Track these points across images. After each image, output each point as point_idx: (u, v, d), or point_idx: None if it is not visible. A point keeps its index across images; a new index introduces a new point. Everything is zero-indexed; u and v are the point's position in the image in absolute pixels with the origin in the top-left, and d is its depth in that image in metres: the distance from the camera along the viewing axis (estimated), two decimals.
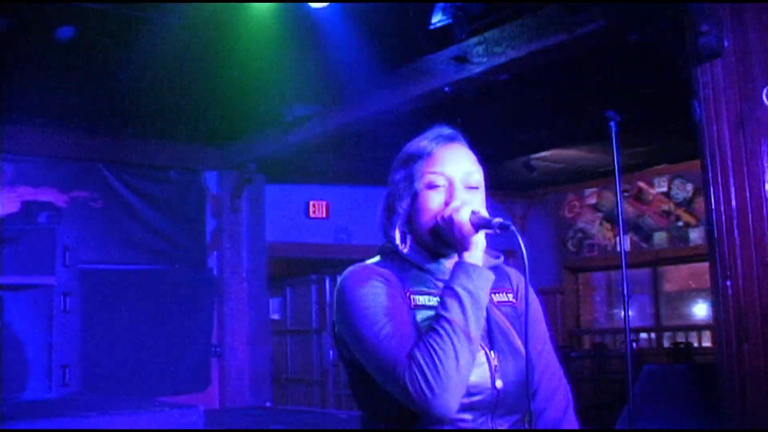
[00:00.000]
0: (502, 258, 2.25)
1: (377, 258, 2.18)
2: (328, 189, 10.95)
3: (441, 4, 7.04)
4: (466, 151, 2.17)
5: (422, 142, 2.14)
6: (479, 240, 2.00)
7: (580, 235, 12.42)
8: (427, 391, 1.81)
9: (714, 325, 5.50)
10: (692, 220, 11.29)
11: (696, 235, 11.23)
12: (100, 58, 6.82)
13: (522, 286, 2.27)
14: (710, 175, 5.02)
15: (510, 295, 2.26)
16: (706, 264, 11.66)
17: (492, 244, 2.13)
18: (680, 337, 11.26)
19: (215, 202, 9.55)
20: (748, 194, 4.76)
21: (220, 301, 9.36)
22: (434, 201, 2.06)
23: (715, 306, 4.98)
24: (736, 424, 4.68)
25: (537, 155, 10.33)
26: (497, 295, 2.21)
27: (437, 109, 7.67)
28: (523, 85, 7.23)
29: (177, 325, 8.85)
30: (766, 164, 4.73)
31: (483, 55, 6.65)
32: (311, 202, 10.80)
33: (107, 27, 6.28)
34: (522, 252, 1.99)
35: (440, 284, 2.07)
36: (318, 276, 12.13)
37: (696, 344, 10.96)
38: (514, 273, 2.35)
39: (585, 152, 10.45)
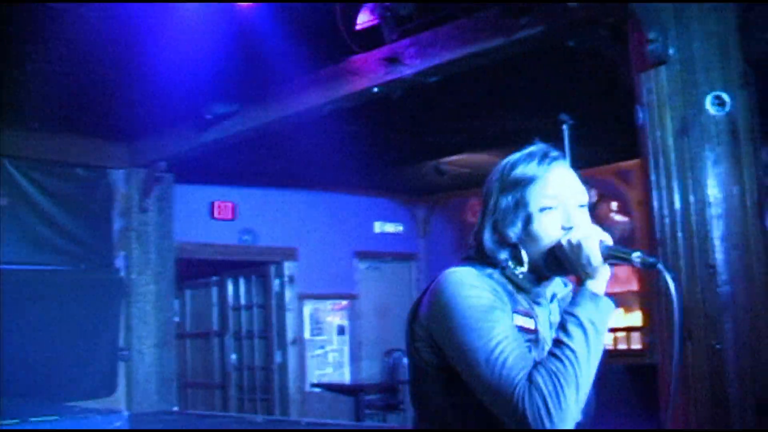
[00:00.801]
0: (571, 285, 2.21)
1: (474, 266, 2.11)
2: (234, 190, 10.76)
3: (369, 5, 7.01)
4: (571, 170, 2.16)
5: (529, 165, 2.10)
6: (606, 270, 1.97)
7: None
8: (546, 420, 1.77)
9: (649, 327, 5.61)
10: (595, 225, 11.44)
11: None
12: (5, 50, 6.51)
13: None
14: (654, 178, 5.11)
15: None
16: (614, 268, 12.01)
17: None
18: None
19: (123, 201, 9.26)
20: (692, 198, 4.86)
21: (127, 302, 9.08)
22: (550, 225, 2.05)
23: (657, 307, 5.06)
24: (677, 423, 4.76)
25: (447, 159, 10.36)
26: None
27: (359, 111, 7.63)
28: (448, 88, 7.23)
29: (84, 328, 8.55)
30: (709, 169, 4.82)
31: (416, 56, 6.63)
32: (216, 203, 10.60)
33: (12, 17, 6.01)
34: (672, 293, 1.95)
35: (537, 307, 2.08)
36: (219, 278, 11.90)
37: (625, 346, 11.14)
38: None
39: (493, 157, 10.53)
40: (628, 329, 11.54)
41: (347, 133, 8.31)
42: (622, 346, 11.24)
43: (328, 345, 11.63)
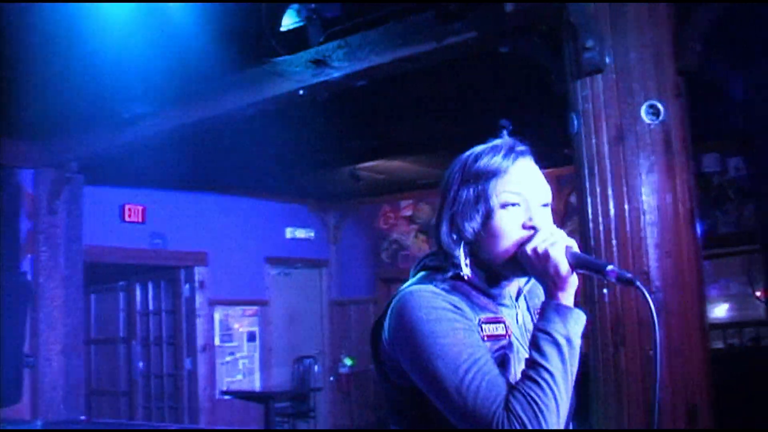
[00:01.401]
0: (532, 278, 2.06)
1: (431, 280, 1.96)
2: (145, 192, 10.52)
3: (294, 6, 6.92)
4: (536, 167, 2.02)
5: (494, 158, 1.96)
6: (574, 280, 1.85)
7: (394, 246, 12.53)
8: None
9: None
10: None
11: None
12: None
13: None
14: (588, 185, 5.15)
15: None
16: None
17: None
18: None
19: (31, 202, 8.93)
20: (626, 205, 4.90)
21: (34, 307, 8.75)
22: (511, 222, 1.90)
23: (591, 314, 5.09)
24: (610, 426, 4.80)
25: (364, 165, 10.32)
26: None
27: (279, 114, 7.53)
28: (373, 92, 7.19)
29: None
30: (643, 177, 4.88)
31: (344, 59, 6.56)
32: (127, 206, 10.35)
33: None
34: (651, 310, 1.82)
35: (504, 309, 1.96)
36: (127, 282, 11.62)
37: None
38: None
39: (409, 164, 10.56)
40: None
41: (264, 137, 8.19)
42: None
43: (239, 352, 11.46)
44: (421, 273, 2.02)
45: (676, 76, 5.17)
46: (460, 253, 1.92)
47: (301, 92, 6.87)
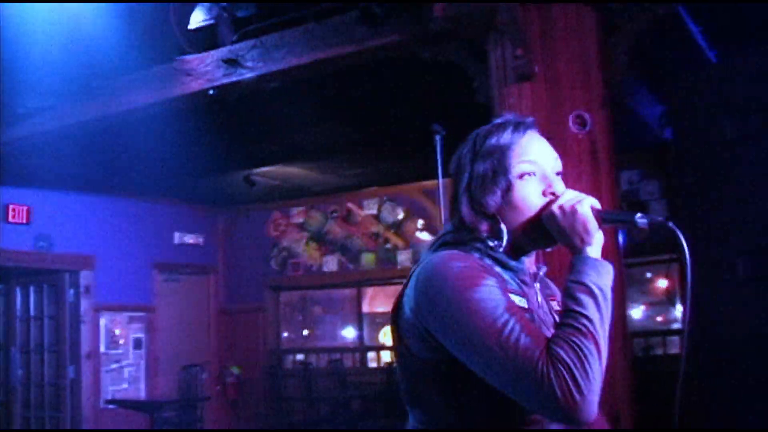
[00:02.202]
0: (544, 268, 2.10)
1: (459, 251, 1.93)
2: (30, 192, 10.07)
3: (205, 4, 6.74)
4: (543, 138, 2.06)
5: (504, 133, 1.98)
6: (601, 236, 1.88)
7: (284, 254, 12.36)
8: (576, 395, 1.63)
9: None
10: (400, 243, 11.59)
11: (404, 257, 11.53)
12: None
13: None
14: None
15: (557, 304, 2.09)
16: None
17: None
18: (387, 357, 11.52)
19: None
20: None
21: None
22: (531, 192, 1.94)
23: None
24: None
25: (260, 170, 10.14)
26: (555, 303, 2.09)
27: (179, 115, 7.31)
28: (282, 95, 7.05)
29: None
30: (570, 186, 4.87)
31: (258, 59, 6.40)
32: (10, 206, 9.89)
33: None
34: (686, 254, 1.81)
35: (524, 286, 1.95)
36: (5, 286, 11.09)
37: None
38: (552, 283, 2.20)
39: (305, 170, 10.44)
40: None
41: (160, 138, 7.92)
42: None
43: (124, 359, 11.06)
44: (442, 248, 1.98)
45: (602, 87, 5.21)
46: (487, 227, 1.95)
47: (210, 92, 6.65)
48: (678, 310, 10.24)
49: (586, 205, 1.86)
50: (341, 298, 12.27)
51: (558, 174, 2.00)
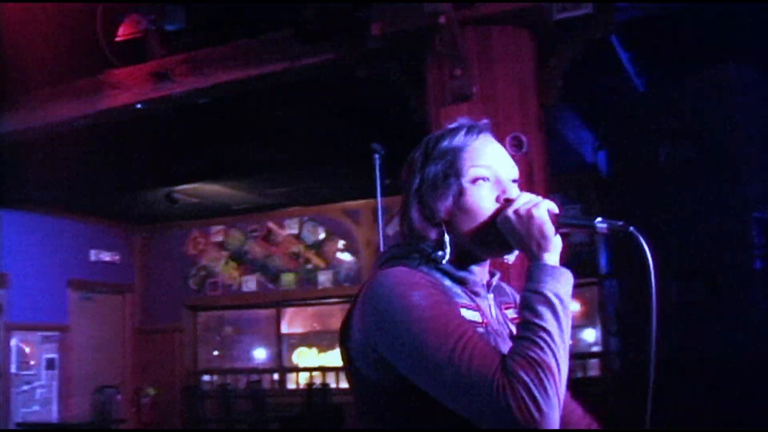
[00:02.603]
0: (498, 274, 1.97)
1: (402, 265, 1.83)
2: None
3: (133, 17, 6.61)
4: (498, 143, 1.93)
5: (457, 136, 1.86)
6: (559, 242, 1.75)
7: (203, 273, 12.18)
8: (535, 412, 1.53)
9: None
10: (322, 263, 11.53)
11: (324, 278, 11.47)
12: None
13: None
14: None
15: (513, 312, 1.99)
16: (334, 306, 12.08)
17: None
18: (317, 378, 11.40)
19: None
20: None
21: None
22: (485, 197, 1.82)
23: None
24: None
25: (181, 187, 9.98)
26: (510, 310, 1.97)
27: (102, 129, 7.14)
28: (210, 111, 6.95)
29: None
30: None
31: (188, 74, 6.29)
32: None
33: None
34: (648, 261, 1.69)
35: (477, 299, 1.83)
36: None
37: (334, 385, 11.12)
38: (508, 288, 2.08)
39: (227, 188, 10.31)
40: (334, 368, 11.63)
41: (81, 153, 7.72)
42: (344, 385, 11.27)
43: (36, 380, 10.73)
44: (389, 263, 1.86)
45: (539, 110, 5.25)
46: (437, 235, 1.83)
47: (138, 106, 6.52)
48: (592, 335, 10.38)
49: (543, 208, 1.74)
50: (260, 319, 12.14)
51: (514, 181, 1.87)
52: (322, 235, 11.64)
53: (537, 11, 5.08)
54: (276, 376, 11.80)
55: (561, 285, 1.69)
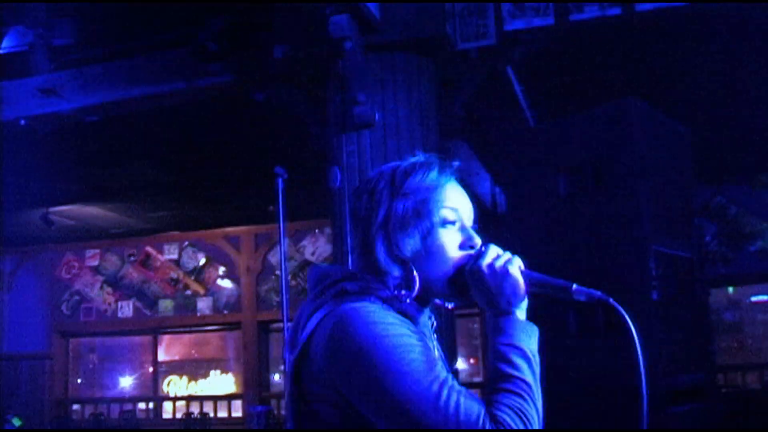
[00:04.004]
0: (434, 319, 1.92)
1: (362, 301, 1.74)
2: None
3: (18, 28, 6.39)
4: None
5: (430, 174, 1.81)
6: (525, 300, 1.75)
7: (77, 297, 11.80)
8: None
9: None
10: (201, 290, 11.33)
11: (203, 305, 11.26)
12: None
13: None
14: (350, 242, 5.07)
15: None
16: (212, 334, 11.87)
17: None
18: (194, 407, 11.14)
19: None
20: None
21: None
22: (450, 242, 1.78)
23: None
24: None
25: (57, 209, 9.65)
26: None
27: None
28: (96, 131, 6.74)
29: None
30: None
31: (77, 91, 6.09)
32: None
33: None
34: (630, 329, 1.72)
35: (424, 338, 1.74)
36: None
37: (212, 414, 10.89)
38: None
39: (105, 211, 10.04)
40: (231, 396, 11.47)
41: None
42: (222, 414, 11.10)
43: None
44: (345, 298, 1.75)
45: (439, 139, 5.28)
46: (411, 271, 1.75)
47: (22, 122, 6.26)
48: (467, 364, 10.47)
49: (516, 266, 1.73)
50: (136, 346, 11.82)
51: (473, 227, 1.84)
52: (201, 261, 11.44)
53: (440, 40, 5.12)
54: (151, 405, 11.48)
55: (532, 340, 1.71)
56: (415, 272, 1.75)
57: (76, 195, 9.24)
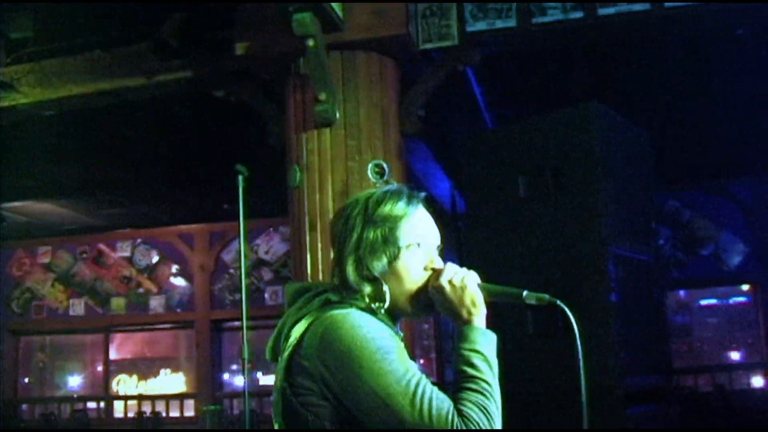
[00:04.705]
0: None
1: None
2: None
3: None
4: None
5: (399, 203, 2.06)
6: (484, 309, 1.99)
7: (28, 295, 11.63)
8: None
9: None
10: (154, 288, 11.24)
11: (156, 303, 11.18)
12: None
13: None
14: (309, 240, 5.07)
15: None
16: (164, 332, 11.79)
17: None
18: (145, 406, 11.03)
19: None
20: None
21: None
22: (415, 263, 2.03)
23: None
24: None
25: (10, 204, 9.51)
26: None
27: None
28: (58, 125, 6.68)
29: None
30: None
31: (34, 85, 6.01)
32: None
33: None
34: (575, 331, 1.98)
35: None
36: None
37: (164, 414, 10.80)
38: None
39: (59, 207, 9.92)
40: (183, 396, 11.39)
41: None
42: (175, 414, 11.02)
43: None
44: (330, 306, 2.00)
45: (400, 138, 5.28)
46: (371, 294, 2.01)
47: None
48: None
49: (473, 280, 1.97)
50: (87, 344, 11.68)
51: (437, 248, 2.10)
52: (155, 259, 11.35)
53: (402, 41, 5.12)
54: (102, 405, 11.36)
55: (491, 346, 1.94)
56: (385, 287, 2.00)
57: (29, 191, 9.12)
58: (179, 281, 11.30)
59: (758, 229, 9.80)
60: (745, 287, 10.70)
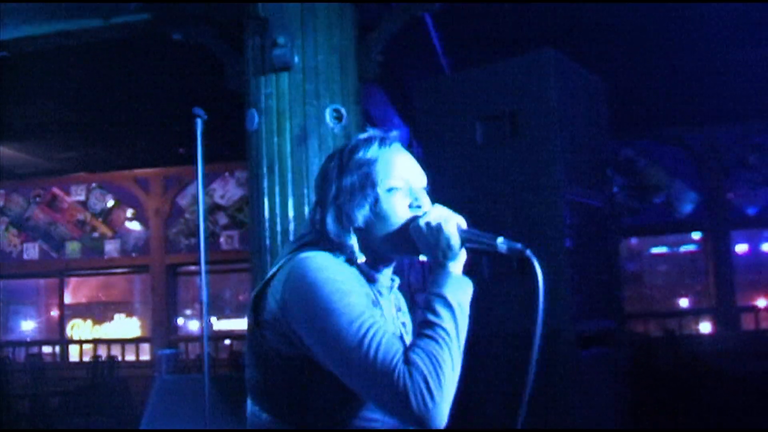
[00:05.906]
0: (398, 280, 2.17)
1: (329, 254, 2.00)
2: None
3: None
4: (407, 152, 2.14)
5: (371, 148, 2.05)
6: (463, 254, 1.96)
7: None
8: (429, 402, 1.75)
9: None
10: (109, 232, 11.19)
11: (111, 247, 11.13)
12: None
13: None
14: (266, 185, 5.08)
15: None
16: (119, 277, 11.76)
17: None
18: (101, 350, 11.04)
19: None
20: (306, 207, 4.90)
21: None
22: (399, 205, 2.02)
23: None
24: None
25: None
26: (400, 314, 2.19)
27: None
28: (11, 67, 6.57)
29: None
30: None
31: None
32: None
33: None
34: (539, 282, 1.89)
35: (380, 297, 2.04)
36: None
37: (120, 358, 10.81)
38: (401, 296, 2.27)
39: (10, 150, 9.80)
40: (138, 340, 11.41)
41: None
42: (130, 357, 11.04)
43: None
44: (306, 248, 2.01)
45: (358, 83, 5.28)
46: (353, 241, 2.00)
47: None
48: None
49: (452, 223, 1.93)
50: (42, 289, 11.62)
51: (424, 189, 2.08)
52: (110, 203, 11.29)
53: None
54: (57, 349, 11.35)
55: (462, 292, 1.89)
56: (356, 243, 1.99)
57: None
58: (134, 225, 11.26)
59: (710, 178, 9.96)
60: (696, 236, 10.90)
